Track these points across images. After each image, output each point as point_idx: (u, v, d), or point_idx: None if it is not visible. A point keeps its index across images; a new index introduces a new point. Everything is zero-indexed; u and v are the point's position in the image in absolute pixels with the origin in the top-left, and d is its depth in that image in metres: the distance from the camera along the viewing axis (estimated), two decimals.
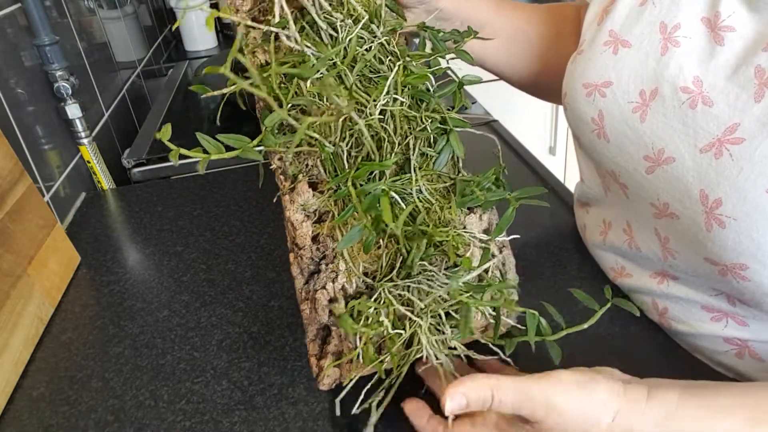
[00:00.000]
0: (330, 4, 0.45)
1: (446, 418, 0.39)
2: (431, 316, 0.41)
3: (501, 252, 0.47)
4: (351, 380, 0.42)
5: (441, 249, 0.43)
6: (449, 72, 0.50)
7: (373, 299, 0.42)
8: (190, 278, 0.65)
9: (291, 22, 0.41)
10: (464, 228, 0.45)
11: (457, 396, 0.35)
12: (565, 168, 2.09)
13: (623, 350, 0.51)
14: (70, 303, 0.63)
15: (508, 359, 0.43)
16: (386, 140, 0.44)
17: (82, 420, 0.49)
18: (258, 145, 0.41)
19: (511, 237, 0.48)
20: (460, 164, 0.48)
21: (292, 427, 0.46)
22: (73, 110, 0.85)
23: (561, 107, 0.55)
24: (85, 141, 0.88)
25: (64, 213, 0.81)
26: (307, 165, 0.46)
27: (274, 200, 0.48)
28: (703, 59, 0.41)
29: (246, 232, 0.73)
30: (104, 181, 0.92)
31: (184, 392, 0.50)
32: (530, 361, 0.45)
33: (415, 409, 0.43)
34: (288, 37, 0.43)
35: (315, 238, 0.44)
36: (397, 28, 0.48)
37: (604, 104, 0.47)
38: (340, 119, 0.43)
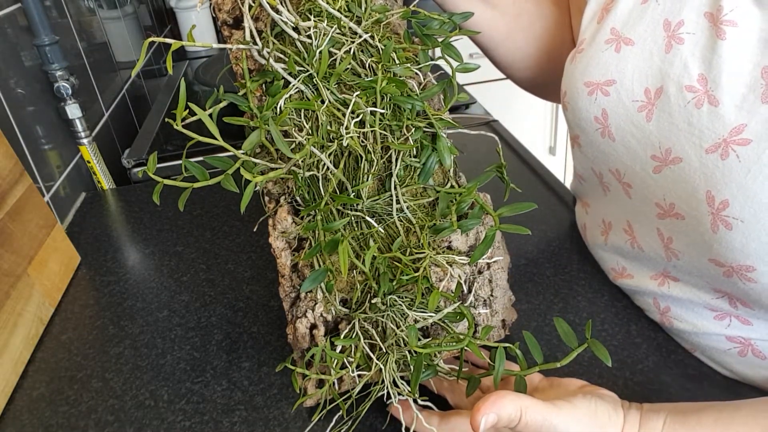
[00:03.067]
0: (306, 10, 0.43)
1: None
2: (397, 354, 0.41)
3: (489, 268, 0.46)
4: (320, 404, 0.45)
5: (415, 278, 0.42)
6: (441, 64, 0.48)
7: (344, 334, 0.42)
8: (190, 278, 0.65)
9: (257, 39, 0.41)
10: (449, 244, 0.44)
11: (491, 416, 0.36)
12: (565, 168, 2.09)
13: (623, 350, 0.51)
14: (70, 303, 0.63)
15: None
16: (363, 158, 0.42)
17: (82, 420, 0.49)
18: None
19: (495, 259, 0.46)
20: (451, 172, 0.46)
21: (292, 427, 0.46)
22: (73, 110, 0.85)
23: (560, 107, 0.54)
24: (85, 141, 0.88)
25: (64, 213, 0.81)
26: (289, 187, 0.45)
27: (255, 229, 0.50)
28: (706, 55, 0.41)
29: (246, 232, 0.73)
30: (104, 181, 0.92)
31: (184, 392, 0.50)
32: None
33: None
34: (258, 53, 0.42)
35: (294, 267, 0.45)
36: (382, 19, 0.45)
37: (607, 103, 0.46)
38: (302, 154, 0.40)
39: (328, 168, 0.42)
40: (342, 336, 0.42)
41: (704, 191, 0.40)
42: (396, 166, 0.43)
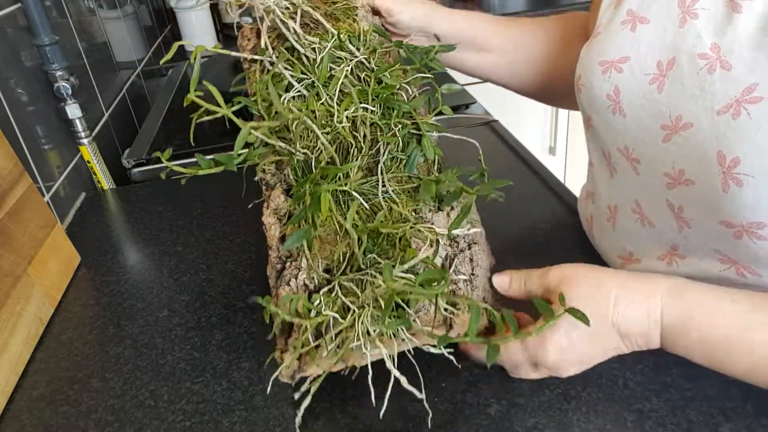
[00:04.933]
0: (312, 32, 0.52)
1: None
2: (374, 307, 0.41)
3: (470, 248, 0.47)
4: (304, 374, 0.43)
5: (394, 244, 0.45)
6: (433, 83, 0.53)
7: (323, 291, 0.43)
8: (190, 278, 0.65)
9: (271, 50, 0.51)
10: (431, 225, 0.47)
11: (505, 275, 0.46)
12: (565, 168, 2.09)
13: None
14: (70, 303, 0.63)
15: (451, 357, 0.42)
16: (354, 146, 0.48)
17: (82, 420, 0.49)
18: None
19: (473, 230, 0.47)
20: (436, 167, 0.50)
21: (291, 427, 0.46)
22: (73, 110, 0.85)
23: (561, 108, 0.56)
24: (85, 141, 0.88)
25: (64, 213, 0.81)
26: (285, 175, 0.49)
27: (250, 206, 0.52)
28: (721, 27, 0.42)
29: (246, 232, 0.73)
30: (104, 181, 0.92)
31: (184, 392, 0.50)
32: None
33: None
34: (270, 62, 0.51)
35: (282, 239, 0.47)
36: (378, 48, 0.53)
37: (620, 79, 0.48)
38: (295, 125, 0.47)
39: (320, 152, 0.46)
40: (321, 293, 0.43)
41: (715, 152, 0.41)
42: (383, 156, 0.48)
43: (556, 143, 2.00)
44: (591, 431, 0.44)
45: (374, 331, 0.41)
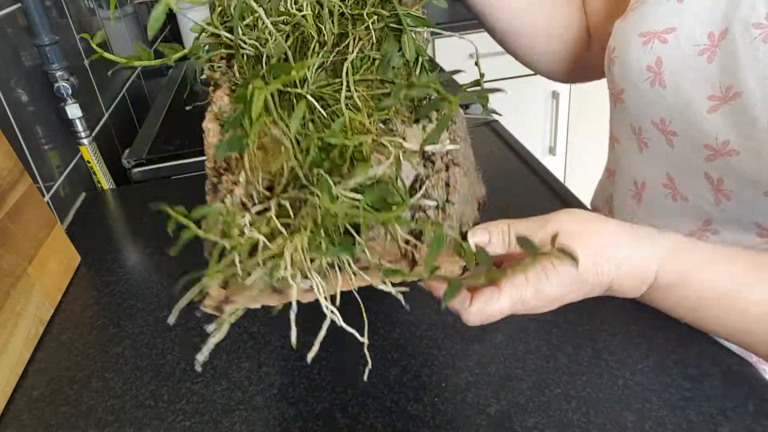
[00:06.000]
0: None
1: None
2: (312, 231, 0.34)
3: (447, 170, 0.39)
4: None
5: (349, 157, 0.36)
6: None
7: (255, 210, 0.37)
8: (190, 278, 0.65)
9: None
10: (402, 140, 0.38)
11: (478, 231, 0.38)
12: (565, 168, 2.09)
13: (623, 350, 0.51)
14: (70, 303, 0.63)
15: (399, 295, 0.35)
16: (315, 40, 0.39)
17: (82, 420, 0.49)
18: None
19: (451, 146, 0.39)
20: (418, 71, 0.41)
21: (292, 427, 0.46)
22: (73, 110, 0.85)
23: (560, 107, 0.55)
24: (85, 141, 0.88)
25: (64, 213, 0.81)
26: (234, 74, 0.41)
27: (188, 108, 0.44)
28: None
29: None
30: (104, 181, 0.92)
31: (184, 392, 0.50)
32: None
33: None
34: None
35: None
36: None
37: (664, 50, 0.48)
38: (238, 9, 0.37)
39: (273, 46, 0.38)
40: (252, 210, 0.36)
41: (766, 119, 0.41)
42: (352, 54, 0.39)
43: (556, 143, 2.00)
44: (591, 431, 0.44)
45: (310, 261, 0.34)
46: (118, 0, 1.25)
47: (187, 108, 0.43)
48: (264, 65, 0.39)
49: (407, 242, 0.36)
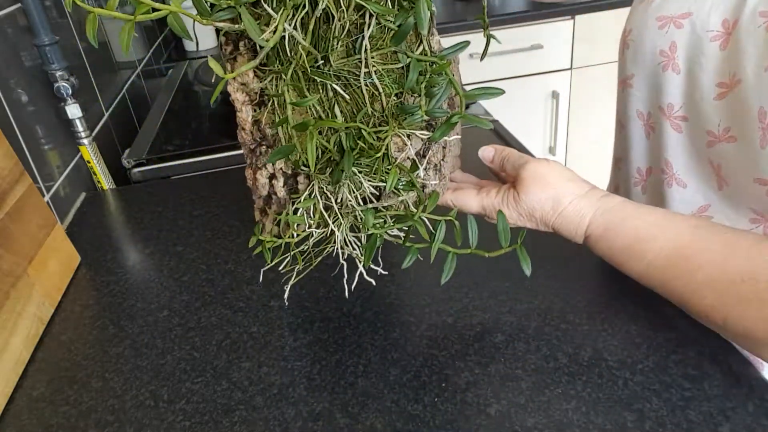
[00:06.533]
0: None
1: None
2: (352, 217, 0.44)
3: (444, 150, 0.48)
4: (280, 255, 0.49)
5: (376, 148, 0.44)
6: None
7: (303, 196, 0.45)
8: (190, 278, 0.65)
9: None
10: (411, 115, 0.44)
11: (487, 148, 0.52)
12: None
13: (623, 350, 0.51)
14: (70, 303, 0.63)
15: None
16: (336, 19, 0.40)
17: (82, 420, 0.49)
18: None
19: (454, 137, 0.49)
20: (426, 43, 0.44)
21: (292, 427, 0.46)
22: (73, 110, 0.85)
23: (560, 108, 0.56)
24: (85, 141, 0.88)
25: (64, 213, 0.81)
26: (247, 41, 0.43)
27: (213, 104, 0.48)
28: None
29: (246, 232, 0.73)
30: (104, 181, 0.92)
31: (184, 392, 0.50)
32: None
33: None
34: None
35: (256, 122, 0.45)
36: None
37: (679, 35, 0.49)
38: None
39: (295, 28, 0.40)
40: (302, 198, 0.45)
41: (757, 108, 0.42)
42: (369, 27, 0.41)
43: (556, 143, 2.00)
44: (591, 431, 0.44)
45: (352, 239, 0.45)
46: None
47: (212, 104, 0.47)
48: (286, 44, 0.41)
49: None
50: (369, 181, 0.44)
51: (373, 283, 0.50)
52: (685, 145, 0.51)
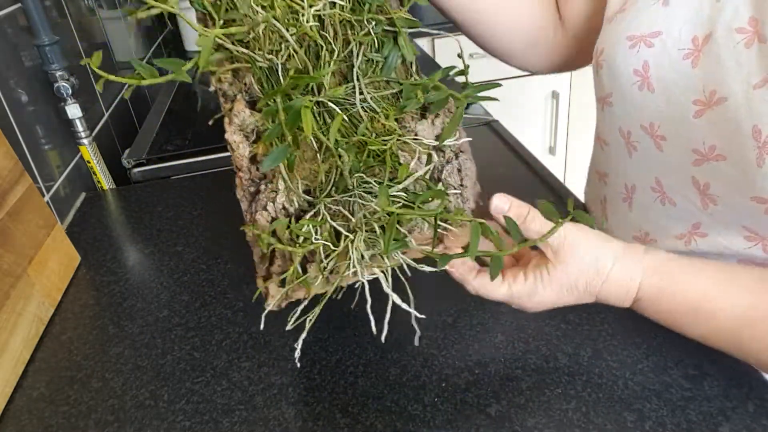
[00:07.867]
0: None
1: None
2: (366, 230, 0.40)
3: (457, 158, 0.45)
4: (289, 298, 0.44)
5: (381, 159, 0.42)
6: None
7: (309, 216, 0.41)
8: (190, 278, 0.65)
9: None
10: (415, 135, 0.44)
11: (503, 198, 0.42)
12: (565, 168, 2.10)
13: (623, 350, 0.51)
14: (70, 303, 0.63)
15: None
16: (324, 48, 0.42)
17: (82, 420, 0.49)
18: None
19: (463, 140, 0.46)
20: (414, 69, 0.46)
21: (292, 427, 0.46)
22: (73, 110, 0.85)
23: (560, 107, 0.55)
24: (85, 141, 0.88)
25: (64, 213, 0.81)
26: (245, 84, 0.44)
27: (210, 123, 0.46)
28: (760, 1, 0.42)
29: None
30: (104, 181, 0.92)
31: (184, 392, 0.50)
32: None
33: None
34: None
35: (253, 159, 0.43)
36: None
37: (650, 54, 0.48)
38: (261, 29, 0.41)
39: (287, 57, 0.41)
40: (307, 218, 0.41)
41: (750, 126, 0.41)
42: (358, 58, 0.43)
43: (556, 143, 2.00)
44: (591, 431, 0.44)
45: (369, 256, 0.40)
46: (117, 0, 1.25)
47: (210, 123, 0.46)
48: (281, 77, 0.42)
49: (443, 229, 0.42)
50: (378, 181, 0.41)
51: (397, 300, 0.44)
52: (666, 164, 0.50)
